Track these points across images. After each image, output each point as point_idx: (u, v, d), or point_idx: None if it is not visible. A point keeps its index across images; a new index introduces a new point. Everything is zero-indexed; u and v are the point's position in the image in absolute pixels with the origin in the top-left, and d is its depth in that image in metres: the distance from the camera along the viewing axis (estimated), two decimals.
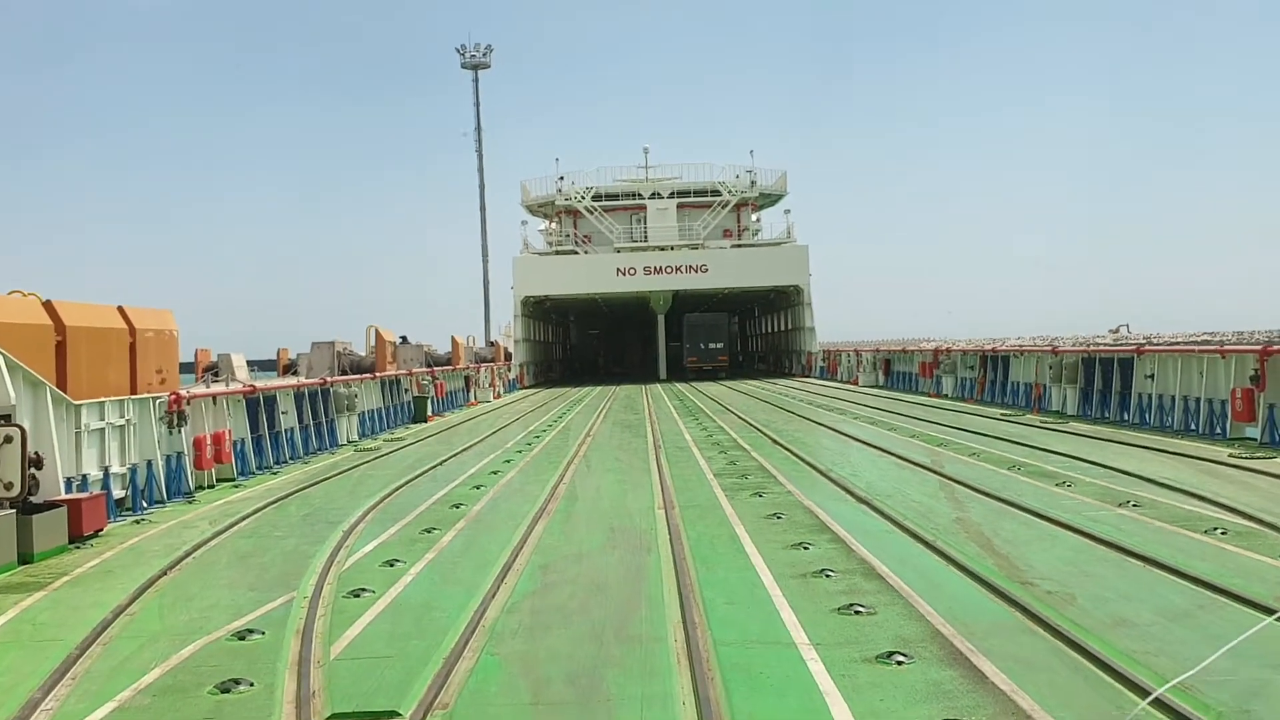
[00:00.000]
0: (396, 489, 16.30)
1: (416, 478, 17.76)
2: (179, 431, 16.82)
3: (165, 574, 10.63)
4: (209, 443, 17.72)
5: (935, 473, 15.87)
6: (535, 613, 8.45)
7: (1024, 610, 7.92)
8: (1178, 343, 24.25)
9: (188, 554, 11.64)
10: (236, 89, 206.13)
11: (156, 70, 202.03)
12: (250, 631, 8.17)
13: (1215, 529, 10.72)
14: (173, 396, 16.63)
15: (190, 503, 16.08)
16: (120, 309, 16.73)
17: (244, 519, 14.09)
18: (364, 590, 9.39)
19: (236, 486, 17.83)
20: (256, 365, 68.87)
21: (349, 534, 12.41)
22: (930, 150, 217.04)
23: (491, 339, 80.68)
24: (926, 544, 10.54)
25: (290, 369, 61.97)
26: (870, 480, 15.26)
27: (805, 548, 10.47)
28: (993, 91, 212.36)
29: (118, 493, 15.02)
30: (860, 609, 8.07)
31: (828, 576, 9.21)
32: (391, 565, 10.49)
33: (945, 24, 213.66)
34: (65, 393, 13.87)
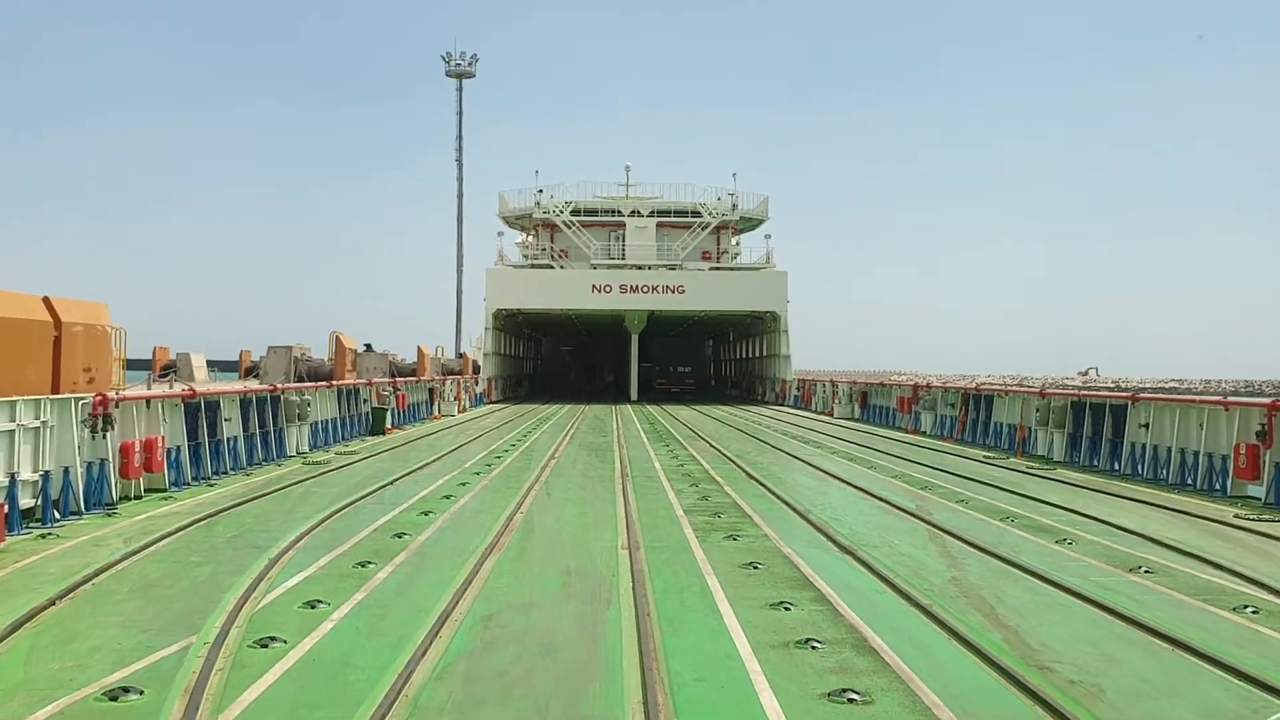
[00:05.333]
0: (338, 510, 14.95)
1: (363, 498, 16.40)
2: (104, 436, 15.38)
3: (53, 604, 9.26)
4: (138, 449, 16.28)
5: (923, 520, 14.69)
6: (470, 680, 7.15)
7: (1046, 705, 6.70)
8: (1175, 392, 23.27)
9: (87, 580, 10.25)
10: (216, 85, 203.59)
11: (136, 62, 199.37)
12: (126, 690, 6.82)
13: (1244, 606, 9.56)
14: (98, 398, 15.21)
15: (109, 515, 14.65)
16: (46, 300, 15.34)
17: (164, 538, 12.71)
18: (275, 639, 8.05)
19: (166, 499, 16.41)
20: (217, 366, 67.37)
21: (274, 563, 11.07)
22: (909, 183, 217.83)
23: (462, 350, 79.35)
24: (922, 609, 9.32)
25: (252, 371, 60.41)
26: (854, 526, 14.06)
27: (786, 608, 9.22)
28: (968, 128, 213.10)
29: (25, 502, 13.57)
30: (854, 696, 6.81)
31: (814, 648, 7.96)
32: (313, 607, 9.15)
33: (927, 61, 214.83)
34: None
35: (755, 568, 11.04)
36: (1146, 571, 11.17)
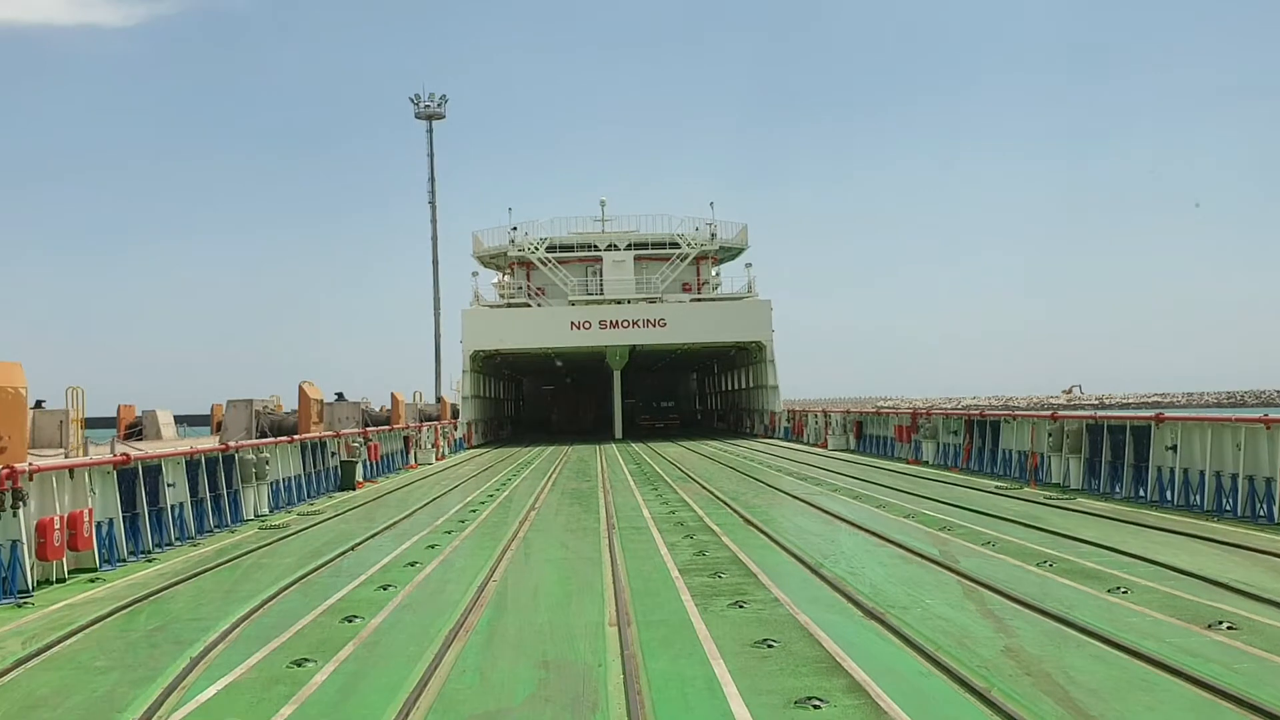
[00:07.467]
0: (286, 588, 13.11)
1: (317, 569, 14.55)
2: (14, 514, 13.51)
3: None
4: (59, 526, 14.39)
5: (950, 570, 12.96)
6: None
7: None
8: (1160, 406, 21.68)
9: None
10: (178, 138, 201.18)
11: (101, 114, 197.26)
12: None
13: None
14: (5, 470, 13.36)
15: (21, 606, 12.74)
16: None
17: (74, 634, 10.85)
18: None
19: (94, 580, 14.50)
20: (187, 421, 65.21)
21: (195, 665, 9.24)
22: (887, 206, 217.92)
23: (441, 395, 77.44)
24: (981, 696, 7.57)
25: (223, 426, 58.35)
26: (875, 582, 12.29)
27: (815, 706, 7.44)
28: (944, 149, 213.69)
29: None
30: None
31: None
32: None
33: (903, 84, 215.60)
34: None
35: (769, 645, 9.26)
36: (1230, 628, 9.45)
